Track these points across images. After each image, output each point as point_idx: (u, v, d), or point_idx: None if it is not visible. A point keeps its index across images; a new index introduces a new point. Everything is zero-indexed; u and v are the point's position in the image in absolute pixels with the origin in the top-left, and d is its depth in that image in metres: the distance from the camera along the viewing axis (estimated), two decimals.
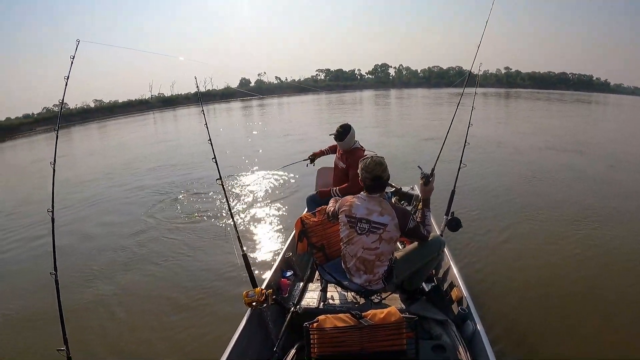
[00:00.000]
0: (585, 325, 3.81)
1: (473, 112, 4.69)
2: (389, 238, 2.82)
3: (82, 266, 5.78)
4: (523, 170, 9.97)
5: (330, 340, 1.96)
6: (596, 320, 3.90)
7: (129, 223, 7.56)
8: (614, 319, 3.92)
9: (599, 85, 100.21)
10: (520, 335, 3.63)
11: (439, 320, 2.91)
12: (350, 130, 4.45)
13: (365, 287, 2.95)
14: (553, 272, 4.81)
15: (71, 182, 11.74)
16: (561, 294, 4.33)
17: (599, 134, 17.90)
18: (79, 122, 51.94)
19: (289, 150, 14.01)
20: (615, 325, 3.83)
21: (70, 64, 3.15)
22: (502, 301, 4.19)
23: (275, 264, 3.68)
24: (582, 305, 4.16)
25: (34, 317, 4.69)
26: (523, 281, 4.59)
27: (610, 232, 5.91)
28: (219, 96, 71.97)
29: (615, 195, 7.74)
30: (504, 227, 6.19)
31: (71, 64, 3.16)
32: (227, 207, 3.55)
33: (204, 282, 4.98)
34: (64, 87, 3.06)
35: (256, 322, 2.92)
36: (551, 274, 4.75)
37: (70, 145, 24.83)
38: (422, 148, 13.12)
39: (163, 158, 14.76)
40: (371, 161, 2.87)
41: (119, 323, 4.36)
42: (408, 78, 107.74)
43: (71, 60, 3.16)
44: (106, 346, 4.01)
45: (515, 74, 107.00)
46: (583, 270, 4.85)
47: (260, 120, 31.47)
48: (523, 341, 3.56)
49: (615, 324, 3.85)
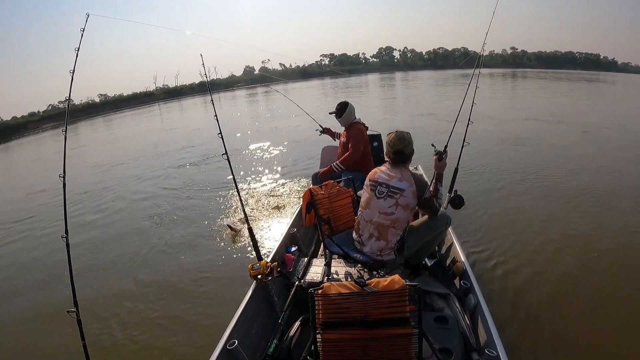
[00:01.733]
0: (587, 300, 3.82)
1: (477, 92, 4.69)
2: (406, 204, 2.90)
3: (95, 235, 6.26)
4: (528, 148, 9.95)
5: (334, 307, 1.97)
6: (597, 294, 3.91)
7: (145, 199, 8.09)
8: (617, 295, 3.93)
9: (607, 64, 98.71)
10: (522, 309, 3.66)
11: (441, 294, 2.94)
12: (348, 106, 4.59)
13: (375, 257, 3.01)
14: (556, 247, 4.81)
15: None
16: (563, 269, 4.34)
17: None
18: (85, 117, 52.04)
19: (296, 130, 14.28)
20: (620, 300, 3.84)
21: (80, 36, 3.15)
22: (505, 276, 4.21)
23: (280, 239, 3.72)
24: (584, 280, 4.16)
25: (45, 279, 4.97)
26: (526, 257, 4.60)
27: (616, 210, 5.87)
28: (223, 85, 71.82)
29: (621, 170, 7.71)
30: (507, 203, 6.23)
31: (81, 36, 3.16)
32: (234, 182, 3.56)
33: (209, 254, 5.10)
34: (74, 61, 3.05)
35: (261, 295, 2.96)
36: (554, 250, 4.75)
37: (85, 137, 25.15)
38: (428, 126, 13.19)
39: (173, 142, 15.32)
40: (394, 136, 3.02)
41: (127, 290, 4.52)
42: (413, 60, 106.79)
43: (81, 32, 3.17)
44: (114, 311, 4.15)
45: (521, 54, 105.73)
46: (587, 246, 4.84)
47: (267, 105, 31.59)
48: (524, 314, 3.59)
49: (619, 298, 3.86)
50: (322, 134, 5.42)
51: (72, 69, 2.98)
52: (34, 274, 5.28)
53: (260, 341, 2.71)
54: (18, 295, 4.82)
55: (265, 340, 2.72)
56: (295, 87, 50.09)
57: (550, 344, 3.25)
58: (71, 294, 2.12)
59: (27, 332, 4.07)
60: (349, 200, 3.50)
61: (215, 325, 3.43)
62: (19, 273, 5.44)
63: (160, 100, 64.46)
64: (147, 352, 3.53)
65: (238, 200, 3.42)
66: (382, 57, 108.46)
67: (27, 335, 4.04)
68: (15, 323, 4.25)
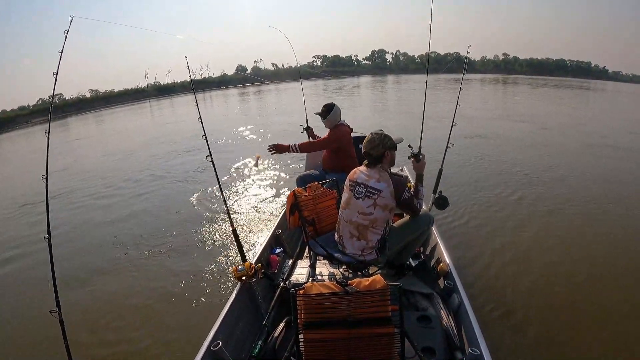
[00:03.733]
0: (569, 298, 3.90)
1: (464, 95, 4.76)
2: (384, 205, 2.92)
3: (77, 232, 6.30)
4: (510, 151, 10.15)
5: (316, 307, 1.99)
6: (580, 292, 4.00)
7: (124, 201, 7.93)
8: (595, 287, 4.07)
9: (597, 72, 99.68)
10: (505, 307, 3.72)
11: (425, 294, 2.98)
12: (333, 108, 4.56)
13: (357, 257, 3.02)
14: (539, 246, 4.95)
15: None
16: (546, 268, 4.45)
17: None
18: (75, 112, 51.58)
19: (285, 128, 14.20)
20: (598, 294, 3.96)
21: (64, 38, 3.13)
22: (488, 275, 4.30)
23: (264, 240, 3.71)
24: (567, 279, 4.24)
25: (27, 280, 4.90)
26: (509, 256, 4.69)
27: (598, 207, 6.10)
28: (215, 83, 71.51)
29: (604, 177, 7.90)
30: (488, 204, 6.35)
31: (65, 38, 3.12)
32: (218, 184, 3.53)
33: (193, 256, 5.08)
34: (57, 62, 3.04)
35: (246, 296, 2.95)
36: (537, 249, 4.88)
37: (75, 132, 24.91)
38: (415, 128, 13.14)
39: (159, 140, 15.16)
40: (373, 136, 3.05)
41: (110, 291, 4.50)
42: (405, 64, 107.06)
43: (65, 34, 3.13)
44: (97, 311, 4.13)
45: (513, 60, 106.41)
46: (570, 244, 4.98)
47: (257, 105, 31.58)
48: (507, 313, 3.65)
49: (602, 296, 3.95)
50: (304, 131, 5.38)
51: (55, 70, 2.96)
52: (15, 273, 5.24)
53: (245, 342, 2.71)
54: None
55: (250, 341, 2.72)
56: (287, 87, 50.12)
57: (532, 342, 3.31)
58: (53, 295, 2.12)
59: (9, 333, 4.03)
60: (333, 202, 3.51)
61: (199, 326, 3.40)
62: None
63: (152, 97, 63.92)
64: (130, 352, 3.52)
65: (222, 202, 3.39)
66: (374, 59, 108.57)
67: (8, 335, 3.99)
68: None
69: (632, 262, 4.55)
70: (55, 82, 2.94)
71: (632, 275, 4.28)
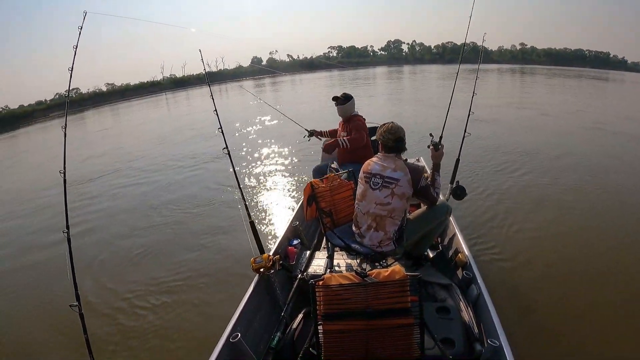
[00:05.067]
0: (592, 291, 3.84)
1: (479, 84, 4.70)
2: (401, 194, 2.91)
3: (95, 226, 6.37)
4: (530, 141, 9.95)
5: (335, 298, 1.99)
6: (603, 286, 3.92)
7: (144, 193, 8.07)
8: (622, 283, 3.97)
9: (616, 63, 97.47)
10: (524, 299, 3.70)
11: (443, 285, 2.95)
12: (352, 98, 4.56)
13: (375, 248, 3.02)
14: (562, 238, 4.85)
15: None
16: (568, 261, 4.37)
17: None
18: (92, 105, 52.13)
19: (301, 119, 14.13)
20: (620, 293, 3.85)
21: (78, 34, 3.17)
22: (507, 266, 4.25)
23: (282, 232, 3.72)
24: (590, 272, 4.18)
25: (48, 273, 4.97)
26: (527, 247, 4.63)
27: (614, 199, 5.97)
28: (230, 75, 71.63)
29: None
30: (507, 194, 6.25)
31: (79, 34, 3.18)
32: (234, 176, 3.54)
33: (211, 249, 5.14)
34: (72, 58, 3.07)
35: (264, 288, 2.96)
36: (560, 241, 4.79)
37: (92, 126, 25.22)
38: (431, 118, 13.27)
39: (175, 135, 15.28)
40: (394, 125, 3.05)
41: (130, 285, 4.51)
42: (421, 54, 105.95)
43: (79, 30, 3.18)
44: (116, 304, 4.17)
45: (530, 50, 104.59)
46: (586, 238, 4.88)
47: (275, 95, 31.63)
48: (527, 305, 3.62)
49: (621, 292, 3.87)
50: (310, 138, 5.16)
51: (70, 66, 2.99)
52: (37, 267, 5.29)
53: (263, 334, 2.72)
54: (22, 288, 4.84)
55: (268, 333, 2.73)
56: (302, 79, 50.03)
57: (552, 334, 3.27)
58: (73, 288, 2.15)
59: (30, 327, 4.08)
60: (349, 193, 3.50)
61: (218, 318, 3.41)
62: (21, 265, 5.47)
63: (168, 90, 64.29)
64: (150, 344, 3.56)
65: (239, 194, 3.39)
66: (390, 50, 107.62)
67: (29, 329, 4.04)
68: (19, 317, 4.26)
69: None
70: (70, 77, 2.98)
71: None
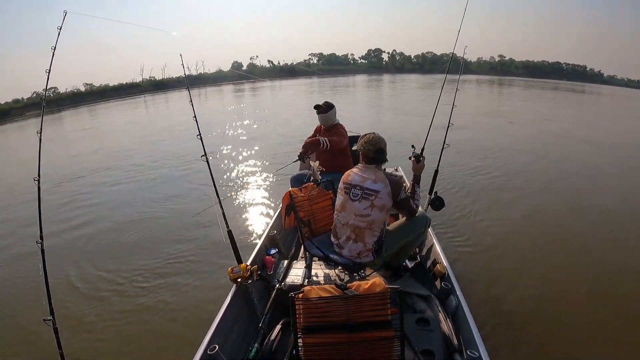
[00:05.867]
0: (568, 300, 3.91)
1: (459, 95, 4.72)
2: (381, 205, 2.89)
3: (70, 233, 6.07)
4: (506, 151, 10.29)
5: (315, 311, 1.97)
6: (579, 295, 4.00)
7: (119, 200, 7.70)
8: (591, 290, 4.09)
9: (593, 76, 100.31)
10: (503, 309, 3.74)
11: (422, 296, 2.96)
12: (334, 107, 4.55)
13: (354, 259, 2.99)
14: (538, 247, 4.96)
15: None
16: (545, 270, 4.46)
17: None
18: (70, 105, 51.04)
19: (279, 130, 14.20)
20: (592, 295, 4.00)
21: (57, 35, 3.10)
22: (486, 276, 4.29)
23: (260, 241, 3.67)
24: (567, 280, 4.26)
25: (20, 287, 4.74)
26: (507, 257, 4.71)
27: (602, 209, 6.15)
28: (211, 79, 71.18)
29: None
30: (484, 204, 6.35)
31: (58, 34, 3.11)
32: (212, 184, 3.47)
33: (189, 259, 5.01)
34: (50, 59, 2.99)
35: (242, 299, 2.93)
36: (536, 250, 4.89)
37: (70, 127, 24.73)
38: (410, 127, 13.58)
39: (152, 139, 14.87)
40: (374, 136, 3.05)
41: (104, 297, 4.36)
42: (401, 63, 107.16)
43: (58, 30, 3.11)
44: (92, 318, 4.01)
45: (509, 62, 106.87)
46: (562, 245, 5.01)
47: (253, 102, 31.52)
48: (506, 314, 3.66)
49: (592, 294, 4.03)
50: (303, 160, 4.68)
51: (47, 68, 2.92)
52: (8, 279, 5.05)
53: (241, 345, 2.67)
54: None
55: (246, 344, 2.68)
56: (282, 85, 50.08)
57: (531, 344, 3.32)
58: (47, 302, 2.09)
59: (1, 343, 3.89)
60: (328, 202, 3.48)
61: (195, 329, 3.37)
62: None
63: (147, 92, 63.44)
64: (127, 359, 3.47)
65: (217, 202, 3.33)
66: (370, 58, 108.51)
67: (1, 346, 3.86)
68: None
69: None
70: (47, 79, 2.91)
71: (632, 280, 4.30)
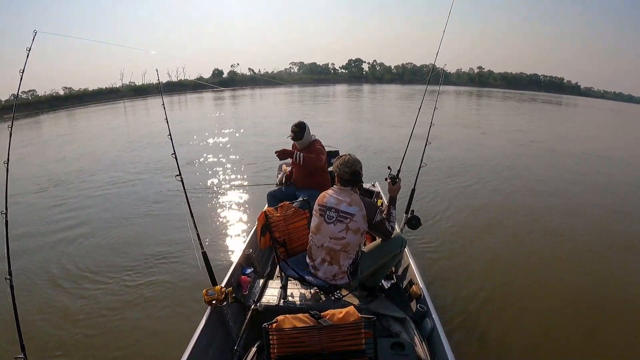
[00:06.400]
0: (545, 321, 3.93)
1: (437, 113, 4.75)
2: (356, 228, 2.88)
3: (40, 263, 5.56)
4: (483, 169, 10.30)
5: (289, 341, 1.96)
6: (554, 315, 4.04)
7: (83, 224, 7.07)
8: (566, 309, 4.15)
9: (570, 88, 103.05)
10: (478, 331, 3.74)
11: (398, 318, 2.95)
12: (306, 127, 4.54)
13: (329, 281, 2.98)
14: (512, 268, 5.01)
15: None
16: (520, 290, 4.51)
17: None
18: (48, 109, 50.09)
19: (257, 142, 14.12)
20: (568, 314, 4.07)
21: (26, 56, 3.04)
22: (460, 297, 4.30)
23: (235, 261, 3.64)
24: (541, 301, 4.30)
25: None
26: (480, 277, 4.73)
27: (574, 229, 6.28)
28: (190, 87, 70.78)
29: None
30: (461, 224, 6.37)
31: (27, 56, 3.05)
32: (187, 204, 3.37)
33: (162, 281, 4.84)
34: (19, 81, 2.94)
35: (216, 321, 2.89)
36: (510, 271, 4.94)
37: None
38: (390, 138, 13.88)
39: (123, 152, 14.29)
40: (350, 157, 3.03)
41: (77, 327, 4.14)
42: (381, 74, 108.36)
43: (27, 52, 3.05)
44: (64, 352, 3.82)
45: (487, 74, 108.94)
46: (535, 265, 5.09)
47: (233, 110, 31.38)
48: (481, 337, 3.67)
49: (568, 313, 4.09)
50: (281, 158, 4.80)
51: (15, 92, 2.88)
52: None
53: None
54: None
55: None
56: (263, 94, 50.05)
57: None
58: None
59: None
60: (304, 222, 3.46)
61: (169, 355, 3.30)
62: None
63: (126, 98, 62.61)
64: None
65: (191, 221, 3.25)
66: (351, 68, 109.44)
67: None
68: None
69: (602, 280, 4.73)
70: (15, 104, 2.84)
71: (596, 294, 4.44)
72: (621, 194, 8.52)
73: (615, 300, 4.32)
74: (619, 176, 10.38)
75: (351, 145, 12.71)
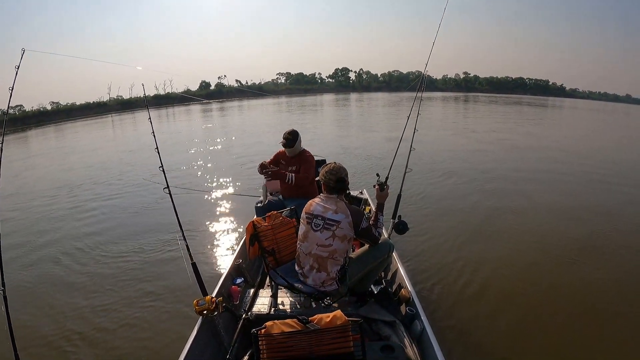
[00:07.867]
0: (532, 322, 3.97)
1: (423, 118, 4.85)
2: (342, 236, 2.93)
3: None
4: (469, 172, 10.36)
5: (278, 346, 1.98)
6: (538, 313, 4.10)
7: (67, 239, 6.96)
8: (556, 311, 4.16)
9: (555, 89, 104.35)
10: (468, 333, 3.76)
11: (387, 322, 2.98)
12: (298, 135, 4.57)
13: (319, 288, 3.01)
14: (500, 269, 5.02)
15: None
16: (508, 292, 4.52)
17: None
18: (35, 124, 49.57)
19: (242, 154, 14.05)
20: (557, 313, 4.10)
21: (15, 74, 3.07)
22: (448, 299, 4.33)
23: (225, 271, 3.66)
24: (524, 298, 4.37)
25: None
26: (467, 278, 4.76)
27: (557, 230, 6.29)
28: (178, 99, 70.54)
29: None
30: (448, 227, 6.41)
31: (16, 74, 3.08)
32: (175, 215, 3.41)
33: (153, 293, 4.82)
34: (8, 98, 2.97)
35: (208, 331, 2.90)
36: (498, 273, 4.95)
37: None
38: (377, 142, 13.99)
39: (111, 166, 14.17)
40: (335, 165, 3.09)
41: (69, 338, 4.11)
42: (368, 82, 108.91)
43: (16, 70, 3.08)
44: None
45: (473, 79, 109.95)
46: (523, 265, 5.14)
47: (221, 122, 31.29)
48: (470, 338, 3.68)
49: (558, 312, 4.12)
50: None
51: (5, 108, 2.90)
52: None
53: None
54: None
55: None
56: (250, 105, 50.02)
57: None
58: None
59: None
60: (292, 231, 3.50)
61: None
62: None
63: (114, 112, 62.11)
64: None
65: (180, 233, 3.28)
66: (337, 77, 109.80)
67: None
68: None
69: (589, 278, 4.78)
70: (5, 122, 2.86)
71: (585, 291, 4.50)
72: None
73: (605, 299, 4.35)
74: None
75: (338, 152, 12.75)
